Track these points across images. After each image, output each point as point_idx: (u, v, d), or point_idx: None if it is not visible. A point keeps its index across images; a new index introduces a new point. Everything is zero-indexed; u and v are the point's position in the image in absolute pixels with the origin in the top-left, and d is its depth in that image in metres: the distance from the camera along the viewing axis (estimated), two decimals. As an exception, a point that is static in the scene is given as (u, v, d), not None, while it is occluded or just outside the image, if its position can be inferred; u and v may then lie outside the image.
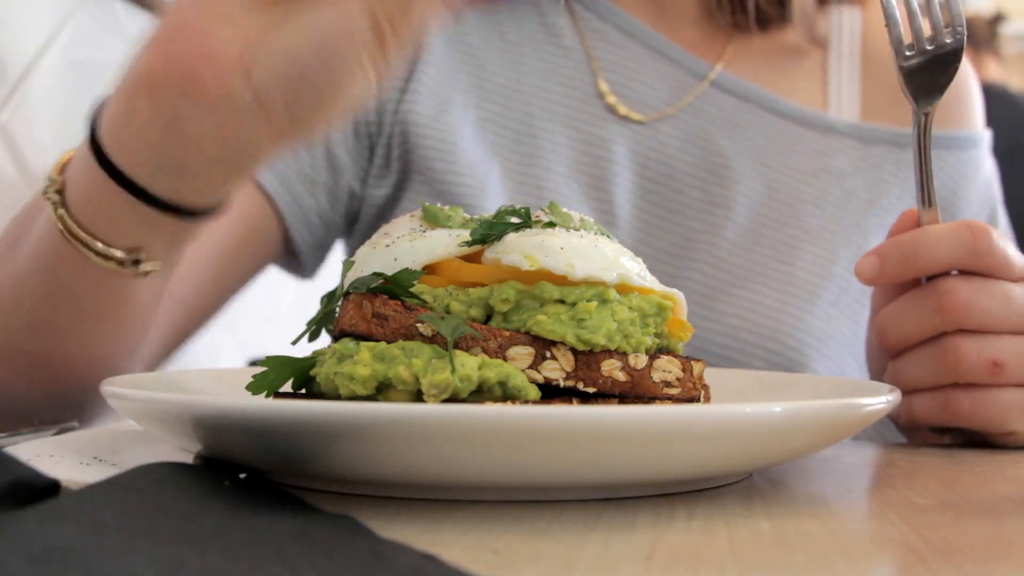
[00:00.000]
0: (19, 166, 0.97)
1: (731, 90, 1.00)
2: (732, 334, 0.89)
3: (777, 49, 1.04)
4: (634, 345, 0.53)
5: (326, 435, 0.44)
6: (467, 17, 1.01)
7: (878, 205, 0.98)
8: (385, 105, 0.97)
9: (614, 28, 1.02)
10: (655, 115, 0.99)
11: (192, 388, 0.65)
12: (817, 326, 0.90)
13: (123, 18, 1.18)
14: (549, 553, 0.39)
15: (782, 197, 0.97)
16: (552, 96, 0.98)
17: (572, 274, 0.53)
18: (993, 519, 0.47)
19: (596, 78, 0.99)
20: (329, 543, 0.36)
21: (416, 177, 0.94)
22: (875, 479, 0.61)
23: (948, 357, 0.68)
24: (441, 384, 0.48)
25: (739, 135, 0.99)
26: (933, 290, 0.68)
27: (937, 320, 0.68)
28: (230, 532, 0.37)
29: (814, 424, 0.49)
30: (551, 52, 1.00)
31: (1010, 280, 0.68)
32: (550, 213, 0.58)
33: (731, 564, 0.38)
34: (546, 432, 0.43)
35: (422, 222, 0.59)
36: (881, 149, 1.00)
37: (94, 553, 0.32)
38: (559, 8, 1.02)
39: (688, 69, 1.01)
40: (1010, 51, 4.74)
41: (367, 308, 0.53)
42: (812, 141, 1.00)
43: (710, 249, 0.94)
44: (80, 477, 0.49)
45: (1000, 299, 0.67)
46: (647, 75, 1.00)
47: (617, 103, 0.98)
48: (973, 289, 0.67)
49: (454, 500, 0.48)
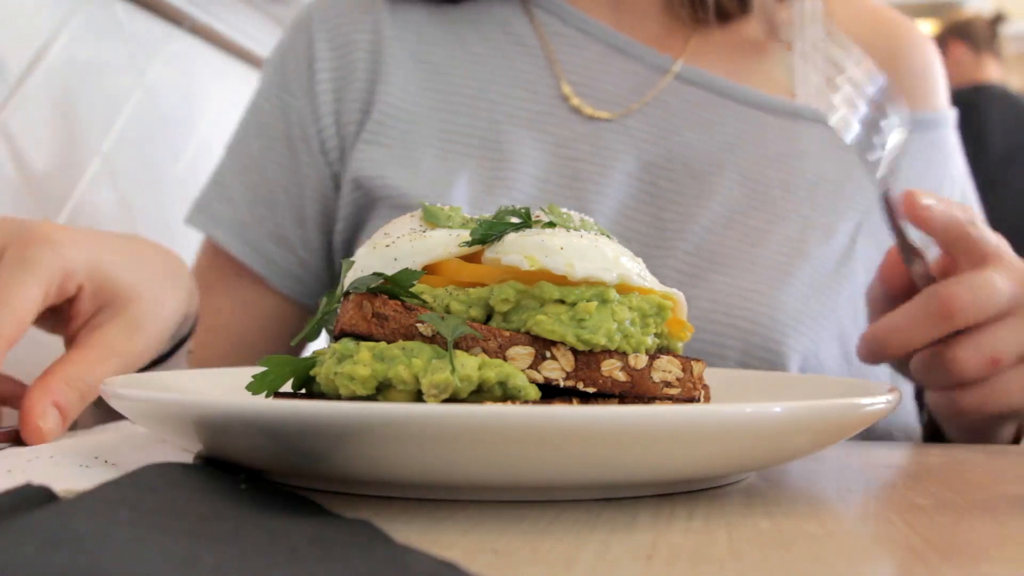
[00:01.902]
0: (19, 166, 0.98)
1: (695, 82, 1.01)
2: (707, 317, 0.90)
3: (741, 40, 1.05)
4: (634, 345, 0.53)
5: (326, 435, 0.44)
6: (429, 35, 1.03)
7: (846, 187, 0.99)
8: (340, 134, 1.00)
9: (575, 30, 1.03)
10: (621, 111, 1.00)
11: (192, 388, 0.65)
12: (791, 305, 0.91)
13: (123, 18, 1.18)
14: (549, 553, 0.39)
15: (753, 184, 0.98)
16: (518, 102, 1.00)
17: (572, 274, 0.53)
18: (993, 519, 0.47)
19: (559, 81, 1.01)
20: (345, 547, 0.36)
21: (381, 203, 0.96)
22: (875, 479, 0.61)
23: (950, 367, 0.70)
24: (441, 384, 0.48)
25: (707, 126, 1.00)
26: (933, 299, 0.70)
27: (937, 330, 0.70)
28: (245, 533, 0.37)
29: (814, 424, 0.49)
30: (515, 59, 1.02)
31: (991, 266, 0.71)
32: (549, 213, 0.58)
33: (731, 564, 0.38)
34: (546, 432, 0.43)
35: (422, 222, 0.59)
36: None
37: (105, 544, 0.32)
38: (519, 15, 1.04)
39: (650, 64, 1.02)
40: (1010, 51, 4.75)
41: (367, 308, 0.53)
42: (780, 127, 1.01)
43: (684, 236, 0.95)
44: (81, 477, 0.49)
45: (988, 290, 0.70)
46: (610, 73, 1.02)
47: (582, 104, 1.00)
48: (968, 291, 0.69)
49: (454, 500, 0.48)
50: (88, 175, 1.09)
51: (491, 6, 1.05)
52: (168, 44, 1.29)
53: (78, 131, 1.08)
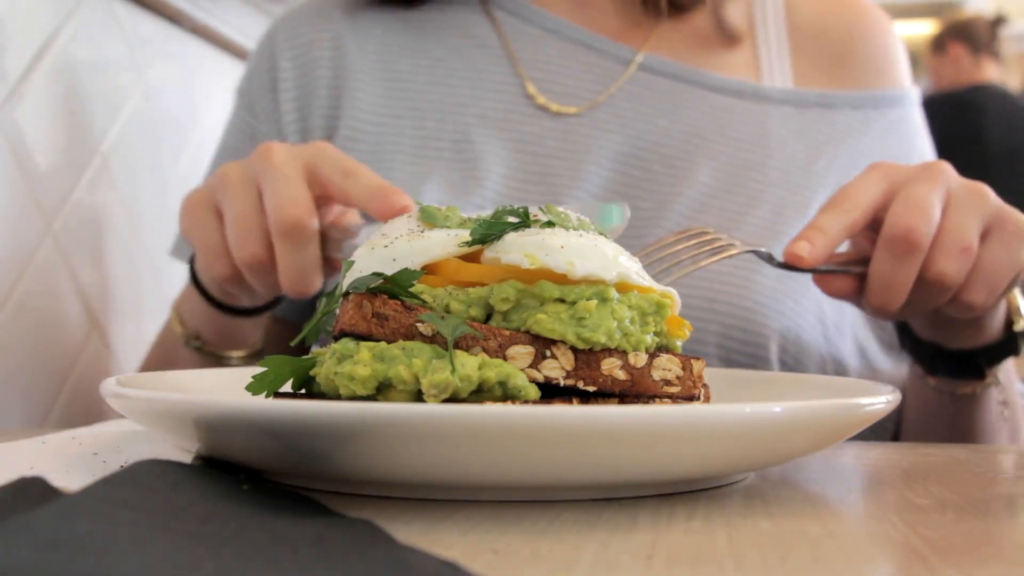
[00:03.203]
0: (19, 166, 0.97)
1: (660, 71, 1.02)
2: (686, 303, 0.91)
3: (702, 30, 1.06)
4: (634, 343, 0.53)
5: (326, 435, 0.44)
6: (391, 44, 1.03)
7: (816, 165, 1.00)
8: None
9: (536, 28, 1.04)
10: (587, 105, 1.01)
11: (192, 388, 0.65)
12: (768, 285, 0.92)
13: (123, 18, 1.18)
14: (549, 553, 0.39)
15: (725, 168, 0.98)
16: (484, 103, 1.01)
17: (573, 272, 0.53)
18: (993, 519, 0.47)
19: (524, 81, 1.01)
20: (347, 548, 0.36)
21: None
22: (875, 479, 0.60)
23: (938, 283, 0.74)
24: (441, 384, 0.48)
25: (674, 113, 1.00)
26: (903, 240, 0.73)
27: (914, 263, 0.74)
28: (246, 534, 0.37)
29: (814, 424, 0.49)
30: (478, 61, 1.03)
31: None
32: (548, 212, 0.58)
33: (731, 564, 0.38)
34: (546, 432, 0.43)
35: (419, 222, 0.59)
36: (813, 112, 1.03)
37: (106, 546, 0.32)
38: (479, 17, 1.04)
39: (613, 56, 1.03)
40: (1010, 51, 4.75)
41: (367, 308, 0.53)
42: (747, 111, 1.02)
43: (661, 224, 0.96)
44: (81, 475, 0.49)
45: (922, 203, 0.73)
46: (574, 68, 1.02)
47: (548, 102, 1.01)
48: (909, 213, 0.73)
49: (454, 500, 0.48)
50: (88, 175, 1.09)
51: (451, 9, 1.05)
52: (168, 44, 1.28)
53: (78, 131, 1.08)
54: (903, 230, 0.72)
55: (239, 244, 0.77)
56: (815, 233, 0.74)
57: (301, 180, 0.76)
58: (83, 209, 1.08)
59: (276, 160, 0.77)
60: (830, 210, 0.75)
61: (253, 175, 0.78)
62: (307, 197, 0.75)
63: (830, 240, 0.74)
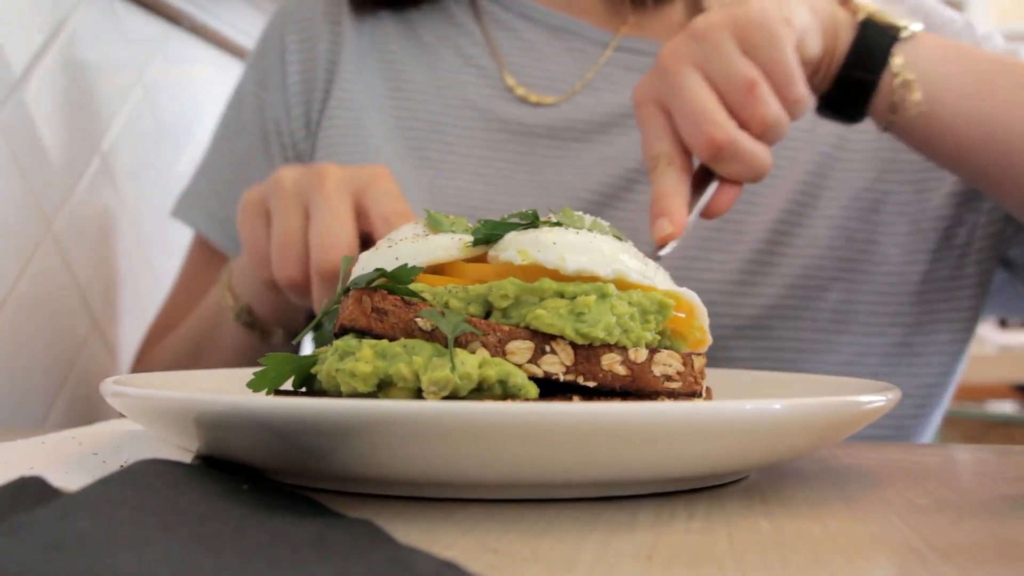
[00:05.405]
0: (19, 166, 0.97)
1: (640, 50, 1.03)
2: None
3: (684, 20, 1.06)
4: (634, 340, 0.53)
5: (327, 432, 0.44)
6: (387, 27, 1.06)
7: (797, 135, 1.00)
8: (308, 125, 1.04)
9: (515, 15, 1.05)
10: (567, 94, 1.01)
11: (192, 386, 0.65)
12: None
13: (123, 18, 1.18)
14: (549, 553, 0.39)
15: None
16: (466, 89, 1.02)
17: (564, 267, 0.53)
18: (993, 519, 0.47)
19: (502, 71, 1.03)
20: (347, 548, 0.36)
21: None
22: (875, 479, 0.60)
23: (778, 128, 0.73)
24: (441, 381, 0.48)
25: None
26: (709, 148, 0.72)
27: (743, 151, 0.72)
28: (247, 535, 0.37)
29: (815, 421, 0.49)
30: (463, 47, 1.04)
31: None
32: (561, 216, 0.58)
33: (731, 564, 0.38)
34: (546, 429, 0.43)
35: (426, 228, 0.59)
36: None
37: (106, 546, 0.32)
38: (463, 3, 1.06)
39: (592, 40, 1.03)
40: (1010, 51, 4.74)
41: (366, 303, 0.53)
42: None
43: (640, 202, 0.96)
44: (81, 475, 0.49)
45: (703, 93, 0.72)
46: (553, 55, 1.03)
47: (527, 93, 1.01)
48: (707, 121, 0.71)
49: (454, 499, 0.48)
50: (88, 175, 1.09)
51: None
52: (167, 43, 1.28)
53: (78, 131, 1.08)
54: (705, 144, 0.71)
55: (279, 266, 0.77)
56: (661, 203, 0.72)
57: (349, 217, 0.76)
58: (83, 209, 1.08)
59: (328, 188, 0.76)
60: (653, 171, 0.74)
61: (304, 195, 0.77)
62: (351, 236, 0.75)
63: (678, 198, 0.72)
